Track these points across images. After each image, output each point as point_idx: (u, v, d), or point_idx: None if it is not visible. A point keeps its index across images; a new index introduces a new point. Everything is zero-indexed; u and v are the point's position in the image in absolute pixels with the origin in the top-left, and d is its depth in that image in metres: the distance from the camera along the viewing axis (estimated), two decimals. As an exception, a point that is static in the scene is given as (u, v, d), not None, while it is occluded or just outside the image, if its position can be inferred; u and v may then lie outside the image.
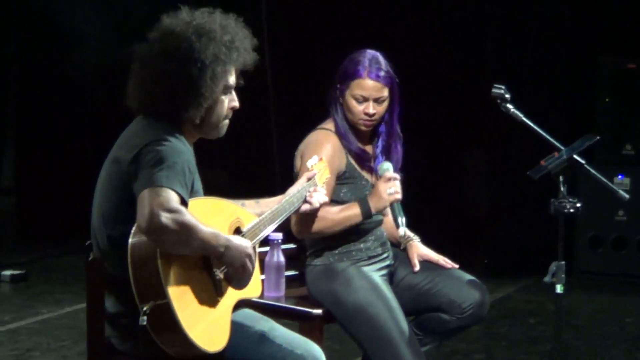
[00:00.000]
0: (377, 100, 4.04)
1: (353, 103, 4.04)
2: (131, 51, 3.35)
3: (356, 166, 4.11)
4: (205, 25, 3.31)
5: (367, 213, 3.98)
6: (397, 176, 4.00)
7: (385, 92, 4.05)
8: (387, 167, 4.02)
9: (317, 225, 3.96)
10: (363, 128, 4.08)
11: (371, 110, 4.03)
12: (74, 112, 8.93)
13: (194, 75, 3.25)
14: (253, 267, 3.33)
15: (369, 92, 4.02)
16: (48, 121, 9.03)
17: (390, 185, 3.95)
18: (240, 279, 3.34)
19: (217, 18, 3.36)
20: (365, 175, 4.13)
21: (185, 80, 3.25)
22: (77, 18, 8.49)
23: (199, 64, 3.26)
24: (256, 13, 8.07)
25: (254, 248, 3.41)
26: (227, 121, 3.41)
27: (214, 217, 3.27)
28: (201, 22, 3.32)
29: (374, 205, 3.97)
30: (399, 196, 3.95)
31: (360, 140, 4.14)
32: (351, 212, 3.98)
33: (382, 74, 4.03)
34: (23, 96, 9.15)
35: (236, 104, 3.41)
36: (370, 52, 4.09)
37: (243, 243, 3.27)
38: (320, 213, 3.93)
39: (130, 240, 3.11)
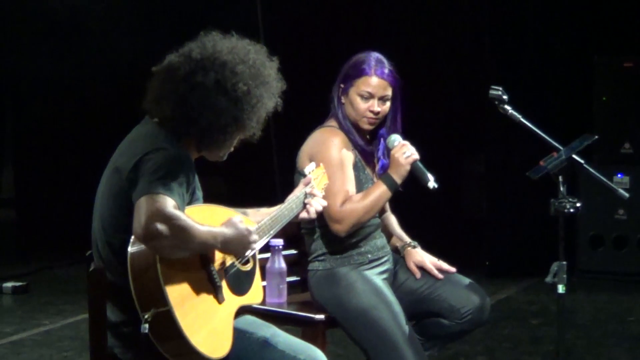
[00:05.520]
0: (382, 99, 4.06)
1: (358, 100, 4.06)
2: (175, 65, 3.29)
3: (362, 161, 4.12)
4: (263, 70, 3.34)
5: (393, 185, 4.00)
6: (407, 142, 4.04)
7: (389, 91, 4.08)
8: (394, 138, 4.07)
9: (352, 219, 3.96)
10: (366, 126, 4.09)
11: (376, 108, 4.05)
12: (72, 122, 8.93)
13: (241, 118, 3.30)
14: (255, 241, 3.32)
15: (375, 90, 4.05)
16: (47, 131, 9.04)
17: (404, 150, 4.01)
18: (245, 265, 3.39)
19: (264, 58, 3.37)
20: (369, 171, 4.13)
21: (231, 121, 3.29)
22: (80, 29, 8.49)
23: (249, 108, 3.30)
24: (252, 16, 8.07)
25: (254, 256, 3.42)
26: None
27: (212, 224, 3.25)
28: (259, 64, 3.33)
29: (396, 174, 4.01)
30: (416, 156, 4.02)
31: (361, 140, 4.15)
32: (378, 191, 4.00)
33: (387, 71, 4.07)
34: (21, 107, 9.16)
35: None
36: (374, 53, 4.12)
37: (236, 229, 3.25)
38: (348, 206, 3.95)
39: (129, 249, 3.11)
